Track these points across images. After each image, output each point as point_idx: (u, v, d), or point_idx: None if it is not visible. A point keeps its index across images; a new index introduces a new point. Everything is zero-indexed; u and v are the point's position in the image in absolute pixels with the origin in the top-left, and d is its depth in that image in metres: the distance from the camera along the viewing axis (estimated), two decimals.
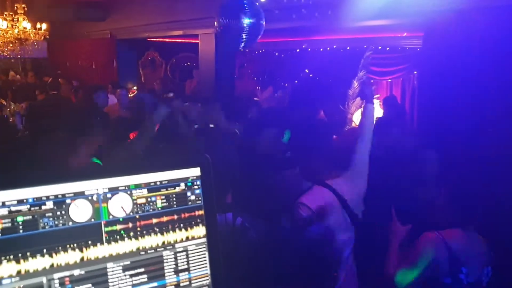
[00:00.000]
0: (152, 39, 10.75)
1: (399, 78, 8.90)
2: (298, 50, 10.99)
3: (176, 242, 1.28)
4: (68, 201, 1.17)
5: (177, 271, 1.28)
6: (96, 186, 1.20)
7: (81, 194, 1.18)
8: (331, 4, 5.94)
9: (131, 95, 8.75)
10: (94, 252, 1.18)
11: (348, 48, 9.69)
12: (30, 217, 1.12)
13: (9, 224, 1.10)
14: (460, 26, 4.75)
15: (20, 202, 1.11)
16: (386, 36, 8.48)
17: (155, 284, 1.24)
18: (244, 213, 2.41)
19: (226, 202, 2.43)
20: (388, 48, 8.83)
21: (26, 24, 8.21)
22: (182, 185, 1.32)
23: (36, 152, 2.54)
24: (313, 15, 6.24)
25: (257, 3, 5.94)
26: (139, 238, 1.24)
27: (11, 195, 1.11)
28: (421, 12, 5.15)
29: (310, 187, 2.83)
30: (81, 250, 1.17)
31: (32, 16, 8.57)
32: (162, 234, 1.27)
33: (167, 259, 1.27)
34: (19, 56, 11.41)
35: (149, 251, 1.25)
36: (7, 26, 8.37)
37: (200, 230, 1.32)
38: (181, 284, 1.28)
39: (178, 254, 1.28)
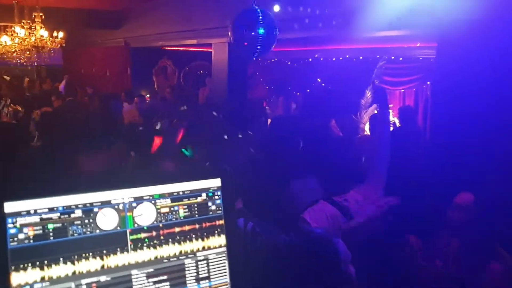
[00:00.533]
0: (166, 48, 10.88)
1: (412, 88, 8.90)
2: (310, 60, 11.04)
3: (197, 250, 1.32)
4: (95, 209, 1.22)
5: (198, 279, 1.32)
6: (122, 195, 1.25)
7: (108, 203, 1.23)
8: (344, 15, 5.99)
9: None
10: (120, 259, 1.23)
11: (361, 57, 9.72)
12: (60, 224, 1.17)
13: (41, 231, 1.15)
14: (474, 37, 4.76)
15: (51, 210, 1.16)
16: (399, 46, 8.49)
17: None
18: (255, 218, 2.44)
19: (236, 208, 2.44)
20: (401, 58, 8.85)
21: (43, 32, 8.37)
22: (204, 195, 1.36)
23: (53, 161, 2.59)
24: (327, 25, 6.28)
25: (270, 13, 6.00)
26: (163, 246, 1.28)
27: (42, 203, 1.16)
28: (434, 23, 5.17)
29: (316, 202, 2.80)
30: (108, 257, 1.21)
31: (49, 24, 8.72)
32: (184, 242, 1.31)
33: (188, 267, 1.31)
34: (35, 64, 11.58)
35: (171, 259, 1.29)
36: (25, 34, 8.53)
37: (220, 240, 1.36)
38: None
39: (199, 263, 1.32)
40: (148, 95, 10.36)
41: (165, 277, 1.27)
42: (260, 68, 11.95)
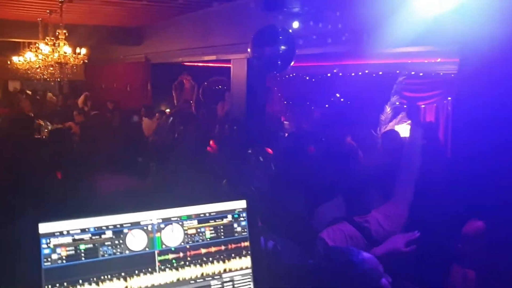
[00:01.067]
0: (186, 63, 11.02)
1: (432, 104, 8.82)
2: (329, 75, 11.05)
3: (223, 272, 1.34)
4: (125, 230, 1.25)
5: None
6: (150, 216, 1.28)
7: (137, 224, 1.26)
8: (365, 31, 6.00)
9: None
10: (148, 280, 1.25)
11: (380, 73, 9.69)
12: (91, 245, 1.20)
13: (73, 252, 1.18)
14: (497, 52, 4.72)
15: (83, 231, 1.20)
16: (420, 61, 8.46)
17: None
18: (276, 237, 2.43)
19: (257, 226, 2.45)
20: (421, 74, 8.79)
21: (66, 49, 8.55)
22: (229, 217, 1.38)
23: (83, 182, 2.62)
24: (347, 41, 6.30)
25: (290, 30, 6.05)
26: (190, 267, 1.31)
27: (75, 224, 1.19)
28: (457, 39, 5.14)
29: (336, 221, 2.76)
30: (137, 278, 1.24)
31: (72, 40, 8.92)
32: (210, 264, 1.33)
33: None
34: (58, 79, 11.82)
35: (198, 280, 1.31)
36: (49, 51, 8.73)
37: (246, 261, 1.38)
38: None
39: (225, 284, 1.34)
40: (168, 110, 10.47)
41: None
42: (279, 83, 12.00)
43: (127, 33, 10.75)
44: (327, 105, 11.01)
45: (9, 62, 11.86)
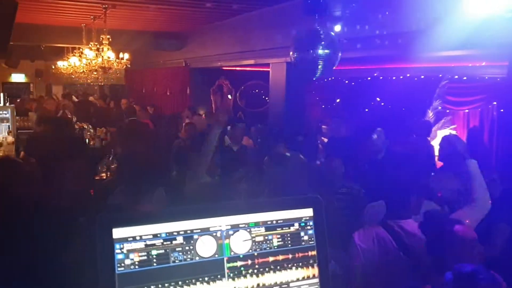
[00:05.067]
0: (224, 68, 11.10)
1: (477, 109, 8.56)
2: (369, 78, 10.90)
3: (291, 281, 1.32)
4: (195, 236, 1.24)
5: None
6: (220, 223, 1.27)
7: (207, 230, 1.26)
8: (409, 34, 5.88)
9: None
10: (217, 287, 1.24)
11: (422, 76, 9.49)
12: (163, 251, 1.21)
13: (145, 257, 1.19)
14: None
15: (155, 236, 1.20)
16: (463, 65, 8.24)
17: None
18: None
19: None
20: (465, 78, 8.55)
21: (110, 54, 8.75)
22: (296, 225, 1.36)
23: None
24: (390, 45, 6.19)
25: (332, 33, 5.99)
26: (258, 275, 1.29)
27: (147, 230, 1.20)
28: (505, 42, 4.98)
29: (370, 225, 2.74)
30: (206, 285, 1.23)
31: (115, 45, 9.13)
32: (278, 272, 1.31)
33: None
34: (101, 83, 12.13)
35: None
36: (92, 56, 8.96)
37: (313, 271, 1.35)
38: None
39: None
40: (204, 114, 10.56)
41: None
42: (317, 87, 11.92)
43: (168, 38, 10.92)
44: (366, 109, 10.87)
45: (53, 67, 12.27)
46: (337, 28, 6.86)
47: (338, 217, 3.15)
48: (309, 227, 1.37)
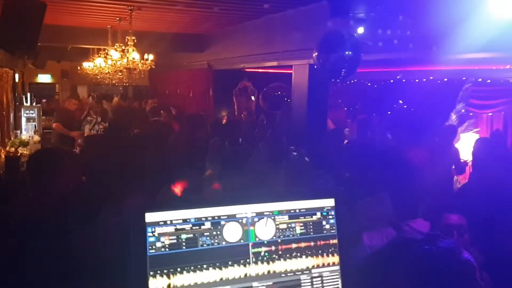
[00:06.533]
0: (246, 69, 11.18)
1: (500, 112, 8.46)
2: (392, 81, 10.85)
3: (312, 267, 1.37)
4: (222, 222, 1.31)
5: None
6: (245, 210, 1.34)
7: (233, 217, 1.32)
8: (433, 37, 5.85)
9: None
10: (242, 271, 1.31)
11: (445, 79, 9.41)
12: (192, 235, 1.27)
13: (175, 241, 1.26)
14: None
15: (184, 221, 1.27)
16: (487, 68, 8.15)
17: None
18: None
19: None
20: (489, 81, 8.46)
21: (135, 55, 8.91)
22: (318, 214, 1.41)
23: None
24: (414, 47, 6.16)
25: (355, 35, 6.00)
26: (280, 261, 1.35)
27: (177, 215, 1.27)
28: None
29: (381, 225, 2.72)
30: (232, 268, 1.30)
31: (140, 47, 9.28)
32: (300, 258, 1.37)
33: (304, 282, 1.36)
34: (126, 84, 12.33)
35: (288, 274, 1.35)
36: (117, 57, 9.14)
37: (334, 258, 1.40)
38: None
39: (314, 279, 1.37)
40: (225, 116, 10.66)
41: None
42: (339, 89, 11.90)
43: (191, 40, 11.06)
44: (389, 112, 10.81)
45: (79, 68, 12.52)
46: (361, 30, 6.87)
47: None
48: (330, 217, 1.42)
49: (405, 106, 10.76)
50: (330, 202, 1.42)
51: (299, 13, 8.15)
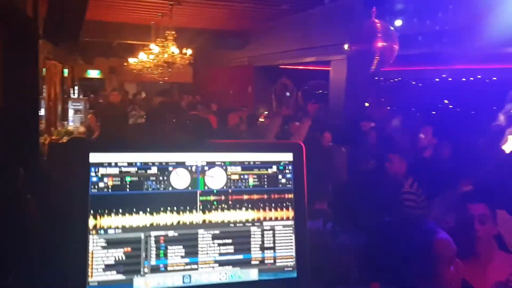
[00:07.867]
0: (285, 67, 11.16)
1: None
2: (437, 80, 10.51)
3: (264, 220, 1.33)
4: (170, 168, 1.29)
5: (262, 248, 1.32)
6: (196, 158, 1.32)
7: (182, 164, 1.30)
8: (479, 30, 5.53)
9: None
10: (189, 217, 1.29)
11: (494, 78, 9.01)
12: (137, 178, 1.27)
13: (119, 183, 1.25)
14: None
15: (130, 164, 1.27)
16: None
17: (240, 256, 1.30)
18: (338, 220, 2.44)
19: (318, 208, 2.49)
20: None
21: (174, 49, 9.12)
22: (274, 168, 1.37)
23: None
24: (455, 41, 5.93)
25: (392, 27, 5.85)
26: (230, 210, 1.32)
27: (122, 158, 1.26)
28: None
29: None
30: (177, 214, 1.28)
31: (180, 43, 9.49)
32: (251, 210, 1.33)
33: (254, 234, 1.32)
34: (166, 79, 12.58)
35: (238, 224, 1.32)
36: (158, 51, 9.38)
37: (288, 213, 1.36)
38: (266, 261, 1.32)
39: (265, 232, 1.33)
40: (266, 112, 10.66)
41: (230, 240, 1.30)
42: (383, 88, 11.65)
43: (232, 37, 11.17)
44: (434, 112, 10.46)
45: (125, 64, 12.93)
46: (398, 22, 6.70)
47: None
48: (287, 171, 1.37)
49: (450, 106, 10.40)
50: (288, 156, 1.38)
51: (337, 8, 8.06)
